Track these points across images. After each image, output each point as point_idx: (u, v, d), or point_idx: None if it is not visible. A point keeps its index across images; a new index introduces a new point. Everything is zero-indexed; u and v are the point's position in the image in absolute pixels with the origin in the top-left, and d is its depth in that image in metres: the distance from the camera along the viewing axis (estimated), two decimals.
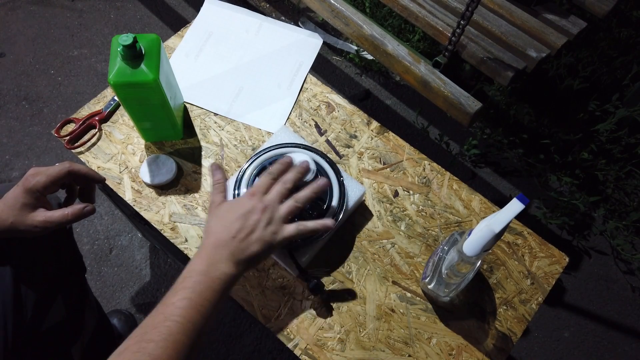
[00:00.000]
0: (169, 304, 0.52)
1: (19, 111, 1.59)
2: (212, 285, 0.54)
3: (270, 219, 0.59)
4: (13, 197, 0.59)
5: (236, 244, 0.57)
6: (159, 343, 0.48)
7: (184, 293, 0.52)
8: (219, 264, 0.55)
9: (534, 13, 1.16)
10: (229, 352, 1.25)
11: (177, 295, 0.52)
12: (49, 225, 0.60)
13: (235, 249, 0.57)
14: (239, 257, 0.56)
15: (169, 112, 0.76)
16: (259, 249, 0.58)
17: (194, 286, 0.53)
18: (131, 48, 0.65)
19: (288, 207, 0.61)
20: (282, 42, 0.96)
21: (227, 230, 0.57)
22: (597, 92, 1.65)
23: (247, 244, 0.57)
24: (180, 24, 1.81)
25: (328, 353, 0.68)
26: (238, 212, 0.59)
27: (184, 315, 0.51)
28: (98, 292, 1.31)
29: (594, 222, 1.55)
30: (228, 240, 0.57)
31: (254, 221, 0.58)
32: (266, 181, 0.63)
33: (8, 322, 0.64)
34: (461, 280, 0.64)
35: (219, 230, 0.58)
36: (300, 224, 0.61)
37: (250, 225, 0.58)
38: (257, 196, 0.61)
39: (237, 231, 0.57)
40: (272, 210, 0.60)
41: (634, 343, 1.38)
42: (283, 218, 0.60)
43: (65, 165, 0.62)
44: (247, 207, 0.59)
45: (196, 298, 0.52)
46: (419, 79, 1.06)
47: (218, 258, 0.56)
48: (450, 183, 0.83)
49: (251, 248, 0.57)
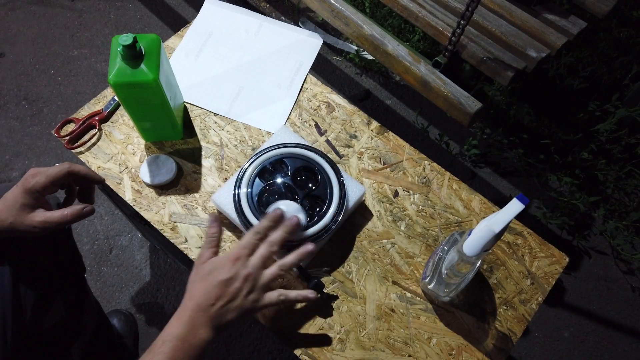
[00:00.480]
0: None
1: (19, 111, 1.59)
2: (189, 351, 0.54)
3: (252, 287, 0.58)
4: (12, 198, 0.59)
5: (215, 311, 0.56)
6: None
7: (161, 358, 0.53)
8: (198, 330, 0.55)
9: (534, 13, 1.16)
10: (229, 352, 1.25)
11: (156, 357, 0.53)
12: (48, 225, 0.60)
13: (214, 316, 0.56)
14: (216, 323, 0.56)
15: (169, 112, 0.76)
16: (237, 316, 0.57)
17: (171, 352, 0.53)
18: (131, 48, 0.65)
19: (271, 274, 0.60)
20: (282, 42, 0.96)
21: (207, 297, 0.57)
22: (597, 92, 1.65)
23: (226, 311, 0.57)
24: (180, 24, 1.81)
25: (328, 353, 0.68)
26: (219, 277, 0.58)
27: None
28: (98, 292, 1.31)
29: (594, 222, 1.55)
30: (207, 307, 0.56)
31: (235, 289, 0.57)
32: (252, 241, 0.61)
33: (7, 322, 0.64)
34: (461, 280, 0.64)
35: (199, 293, 0.57)
36: (282, 294, 0.61)
37: (230, 293, 0.57)
38: (241, 260, 0.59)
39: (217, 298, 0.57)
40: (255, 278, 0.59)
41: (634, 343, 1.37)
42: (265, 286, 0.60)
43: (64, 166, 0.62)
44: (230, 272, 0.58)
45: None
46: (419, 79, 1.06)
47: (197, 323, 0.56)
48: (450, 183, 0.83)
49: (229, 315, 0.57)
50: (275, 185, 0.74)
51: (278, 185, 0.73)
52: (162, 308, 1.29)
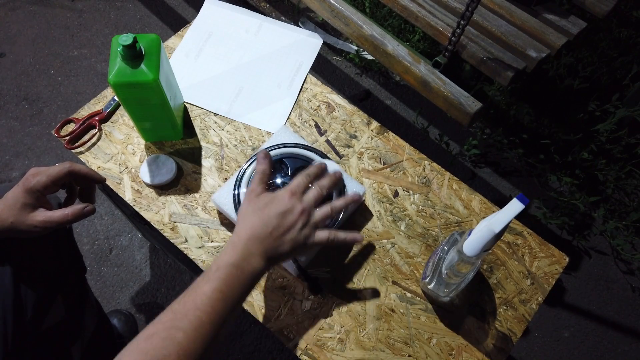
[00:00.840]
0: (200, 293, 0.52)
1: (19, 111, 1.59)
2: (243, 279, 0.55)
3: (306, 222, 0.60)
4: (13, 197, 0.59)
5: (271, 241, 0.57)
6: (188, 332, 0.49)
7: (216, 284, 0.53)
8: (252, 259, 0.56)
9: (534, 13, 1.16)
10: (229, 352, 1.25)
11: (209, 284, 0.53)
12: (49, 225, 0.60)
13: (269, 246, 0.57)
14: (270, 254, 0.57)
15: (169, 112, 0.76)
16: (290, 249, 0.58)
17: (226, 278, 0.53)
18: (131, 48, 0.65)
19: (323, 213, 0.62)
20: (282, 42, 0.96)
21: (265, 226, 0.57)
22: (597, 92, 1.65)
23: (281, 242, 0.58)
24: (180, 24, 1.81)
25: (328, 353, 0.68)
26: (277, 209, 0.59)
27: (215, 307, 0.51)
28: (98, 292, 1.31)
29: (594, 222, 1.55)
30: (264, 236, 0.57)
31: (291, 221, 0.58)
32: (304, 182, 0.63)
33: (8, 321, 0.64)
34: (461, 280, 0.64)
35: (256, 223, 0.58)
36: (332, 233, 0.61)
37: (287, 224, 0.58)
38: (296, 196, 0.61)
39: (274, 228, 0.57)
40: (309, 214, 0.60)
41: (634, 343, 1.37)
42: (317, 223, 0.61)
43: (65, 166, 0.62)
44: (287, 205, 0.59)
45: (227, 291, 0.53)
46: (419, 79, 1.06)
47: (252, 252, 0.56)
48: (450, 183, 0.83)
49: (283, 247, 0.58)
50: (275, 185, 0.74)
51: (278, 185, 0.73)
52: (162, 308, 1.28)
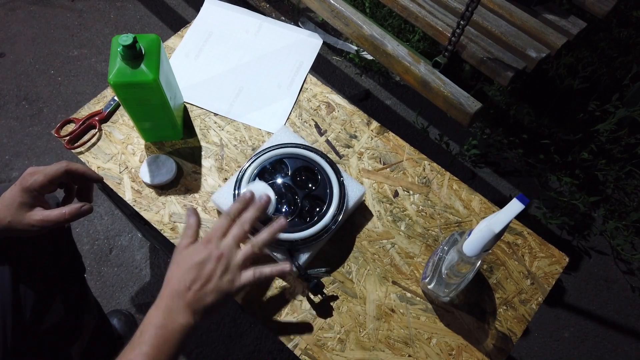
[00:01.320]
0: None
1: (19, 111, 1.59)
2: (170, 338, 0.53)
3: (227, 267, 0.58)
4: (10, 197, 0.60)
5: (191, 295, 0.55)
6: None
7: (142, 348, 0.52)
8: (176, 316, 0.54)
9: (534, 13, 1.16)
10: (229, 352, 1.25)
11: (135, 350, 0.52)
12: (46, 224, 0.60)
13: (191, 300, 0.55)
14: (195, 307, 0.55)
15: (169, 112, 0.76)
16: (215, 299, 0.56)
17: (151, 340, 0.52)
18: (131, 48, 0.65)
19: (244, 253, 0.60)
20: (282, 42, 0.96)
21: (182, 281, 0.56)
22: (597, 92, 1.65)
23: (203, 294, 0.56)
24: (180, 24, 1.81)
25: (328, 353, 0.68)
26: (193, 260, 0.57)
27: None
28: (98, 292, 1.31)
29: (594, 222, 1.55)
30: (183, 291, 0.55)
31: (209, 271, 0.57)
32: (224, 223, 0.61)
33: (7, 322, 0.64)
34: (461, 280, 0.64)
35: (174, 279, 0.57)
36: (257, 270, 0.60)
37: (205, 275, 0.56)
38: (213, 242, 0.59)
39: (192, 282, 0.56)
40: (229, 258, 0.58)
41: (634, 343, 1.37)
42: (240, 265, 0.59)
43: (62, 165, 0.62)
44: (203, 255, 0.57)
45: (153, 352, 0.51)
46: (418, 79, 1.06)
47: (174, 309, 0.55)
48: (450, 183, 0.83)
49: (207, 299, 0.56)
50: (275, 185, 0.74)
51: (278, 186, 0.73)
52: None
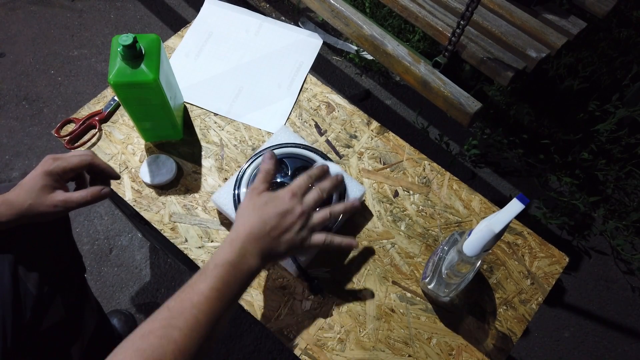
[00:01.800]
0: (197, 291, 0.52)
1: (19, 111, 1.59)
2: (240, 277, 0.55)
3: (304, 224, 0.60)
4: (31, 180, 0.60)
5: (268, 241, 0.57)
6: (184, 331, 0.48)
7: (213, 282, 0.53)
8: (249, 257, 0.56)
9: (534, 13, 1.16)
10: (229, 352, 1.25)
11: (206, 282, 0.53)
12: (69, 205, 0.61)
13: (266, 245, 0.57)
14: (266, 252, 0.57)
15: (169, 112, 0.76)
16: (286, 249, 0.58)
17: (223, 276, 0.53)
18: (131, 48, 0.65)
19: (322, 217, 0.62)
20: (282, 42, 0.96)
21: (263, 224, 0.57)
22: (597, 92, 1.65)
23: (278, 242, 0.58)
24: (180, 24, 1.81)
25: (328, 353, 0.68)
26: (277, 209, 0.59)
27: (211, 306, 0.51)
28: (98, 292, 1.31)
29: (594, 222, 1.55)
30: (262, 235, 0.57)
31: (290, 222, 0.59)
32: (305, 183, 0.63)
33: (7, 322, 0.64)
34: (461, 280, 0.64)
35: (254, 222, 0.58)
36: (328, 237, 0.62)
37: (285, 225, 0.58)
38: (297, 197, 0.61)
39: (272, 228, 0.58)
40: (308, 216, 0.60)
41: (634, 343, 1.37)
42: (315, 226, 0.61)
43: (87, 157, 0.63)
44: (287, 206, 0.59)
45: (224, 289, 0.53)
46: (419, 79, 1.06)
47: (249, 250, 0.56)
48: (450, 183, 0.83)
49: (280, 247, 0.58)
50: (275, 185, 0.74)
51: (278, 186, 0.73)
52: None
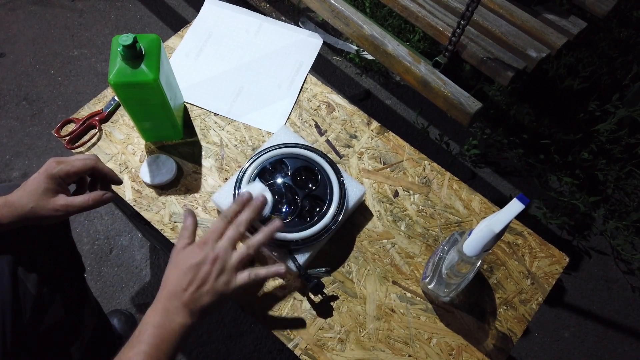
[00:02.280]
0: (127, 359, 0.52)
1: (19, 111, 1.59)
2: (168, 336, 0.54)
3: (222, 269, 0.59)
4: (34, 183, 0.60)
5: (188, 296, 0.57)
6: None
7: (140, 347, 0.52)
8: (173, 316, 0.55)
9: (534, 13, 1.16)
10: (229, 352, 1.25)
11: (134, 349, 0.52)
12: (70, 209, 0.61)
13: (188, 301, 0.56)
14: (191, 308, 0.57)
15: (169, 112, 0.76)
16: (211, 299, 0.58)
17: (149, 340, 0.53)
18: (131, 48, 0.65)
19: (239, 255, 0.61)
20: (282, 42, 0.96)
21: (179, 282, 0.57)
22: (597, 92, 1.65)
23: (199, 295, 0.57)
24: (180, 24, 1.81)
25: (328, 353, 0.68)
26: (190, 262, 0.58)
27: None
28: (98, 292, 1.31)
29: (594, 222, 1.55)
30: (180, 293, 0.57)
31: (205, 273, 0.58)
32: (220, 225, 0.62)
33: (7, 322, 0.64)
34: (461, 280, 0.64)
35: (172, 281, 0.58)
36: (252, 272, 0.61)
37: (201, 277, 0.58)
38: (209, 244, 0.60)
39: (188, 284, 0.57)
40: (224, 260, 0.59)
41: (634, 343, 1.37)
42: (235, 267, 0.60)
43: (90, 161, 0.63)
44: (199, 257, 0.59)
45: (152, 351, 0.52)
46: (419, 79, 1.06)
47: (172, 309, 0.56)
48: (451, 183, 0.83)
49: (203, 299, 0.57)
50: (276, 185, 0.74)
51: (278, 186, 0.73)
52: None
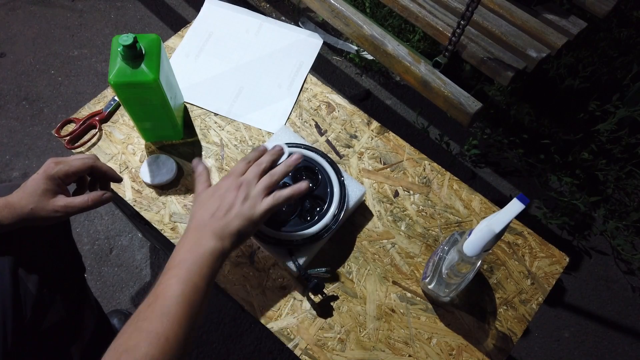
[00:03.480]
0: (159, 284, 0.53)
1: (19, 111, 1.59)
2: (200, 260, 0.55)
3: (247, 194, 0.61)
4: (33, 184, 0.60)
5: (216, 222, 0.58)
6: (153, 319, 0.49)
7: (173, 272, 0.53)
8: (203, 241, 0.56)
9: (534, 13, 1.16)
10: (229, 352, 1.25)
11: (167, 274, 0.53)
12: (70, 210, 0.62)
13: (217, 226, 0.58)
14: (220, 233, 0.57)
15: (169, 112, 0.76)
16: (240, 223, 0.59)
17: (181, 264, 0.54)
18: (131, 48, 0.65)
19: (265, 181, 0.62)
20: (282, 42, 0.96)
21: (206, 211, 0.59)
22: (598, 92, 1.65)
23: (227, 220, 0.58)
24: (180, 24, 1.81)
25: (328, 353, 0.68)
26: (216, 193, 0.61)
27: (175, 290, 0.51)
28: (98, 292, 1.31)
29: (594, 222, 1.55)
30: (207, 220, 0.58)
31: (231, 198, 0.60)
32: (242, 165, 0.64)
33: (7, 321, 0.64)
34: (461, 280, 0.64)
35: (199, 213, 0.60)
36: (276, 194, 0.62)
37: (227, 203, 0.59)
38: (232, 177, 0.63)
39: (215, 209, 0.59)
40: (248, 187, 0.61)
41: (634, 343, 1.37)
42: (260, 192, 0.61)
43: (89, 160, 0.63)
44: (223, 187, 0.61)
45: (185, 274, 0.53)
46: (419, 79, 1.06)
47: (202, 237, 0.57)
48: (451, 183, 0.83)
49: (232, 223, 0.58)
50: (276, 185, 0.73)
51: (279, 185, 0.73)
52: None
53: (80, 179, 0.68)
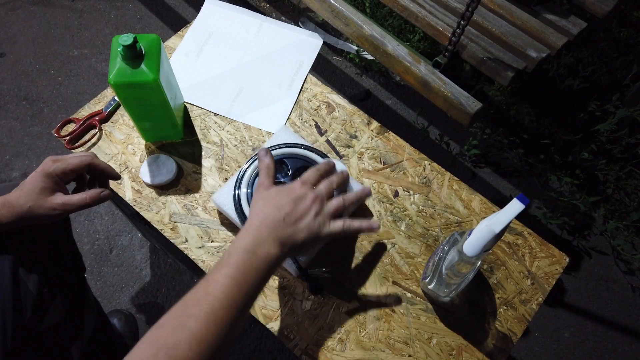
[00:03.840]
0: (212, 281, 0.51)
1: (19, 111, 1.59)
2: (257, 264, 0.53)
3: (320, 210, 0.59)
4: (31, 182, 0.60)
5: (284, 227, 0.56)
6: (199, 318, 0.48)
7: (228, 270, 0.52)
8: (265, 244, 0.55)
9: (534, 13, 1.16)
10: (229, 352, 1.25)
11: (221, 271, 0.52)
12: (68, 207, 0.61)
13: (283, 232, 0.56)
14: (284, 240, 0.56)
15: (169, 112, 0.76)
16: (306, 236, 0.57)
17: (237, 264, 0.52)
18: (131, 48, 0.65)
19: (337, 203, 0.61)
20: (282, 42, 0.96)
21: (278, 212, 0.57)
22: (597, 92, 1.65)
23: (295, 229, 0.57)
24: (180, 24, 1.81)
25: (328, 353, 0.68)
26: (290, 196, 0.59)
27: (227, 293, 0.50)
28: (98, 292, 1.31)
29: (594, 222, 1.55)
30: (277, 222, 0.56)
31: (305, 208, 0.58)
32: (315, 175, 0.63)
33: (7, 321, 0.64)
34: (461, 280, 0.64)
35: (268, 210, 0.58)
36: (347, 222, 0.61)
37: (300, 211, 0.58)
38: (308, 185, 0.61)
39: (287, 214, 0.57)
40: (322, 202, 0.60)
41: (634, 343, 1.37)
42: (331, 212, 0.60)
43: (87, 158, 0.63)
44: (299, 192, 0.59)
45: (239, 276, 0.52)
46: (419, 79, 1.06)
47: (265, 237, 0.55)
48: (451, 183, 0.83)
49: (299, 234, 0.57)
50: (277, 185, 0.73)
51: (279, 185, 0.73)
52: (162, 308, 1.29)
53: (79, 177, 0.68)
